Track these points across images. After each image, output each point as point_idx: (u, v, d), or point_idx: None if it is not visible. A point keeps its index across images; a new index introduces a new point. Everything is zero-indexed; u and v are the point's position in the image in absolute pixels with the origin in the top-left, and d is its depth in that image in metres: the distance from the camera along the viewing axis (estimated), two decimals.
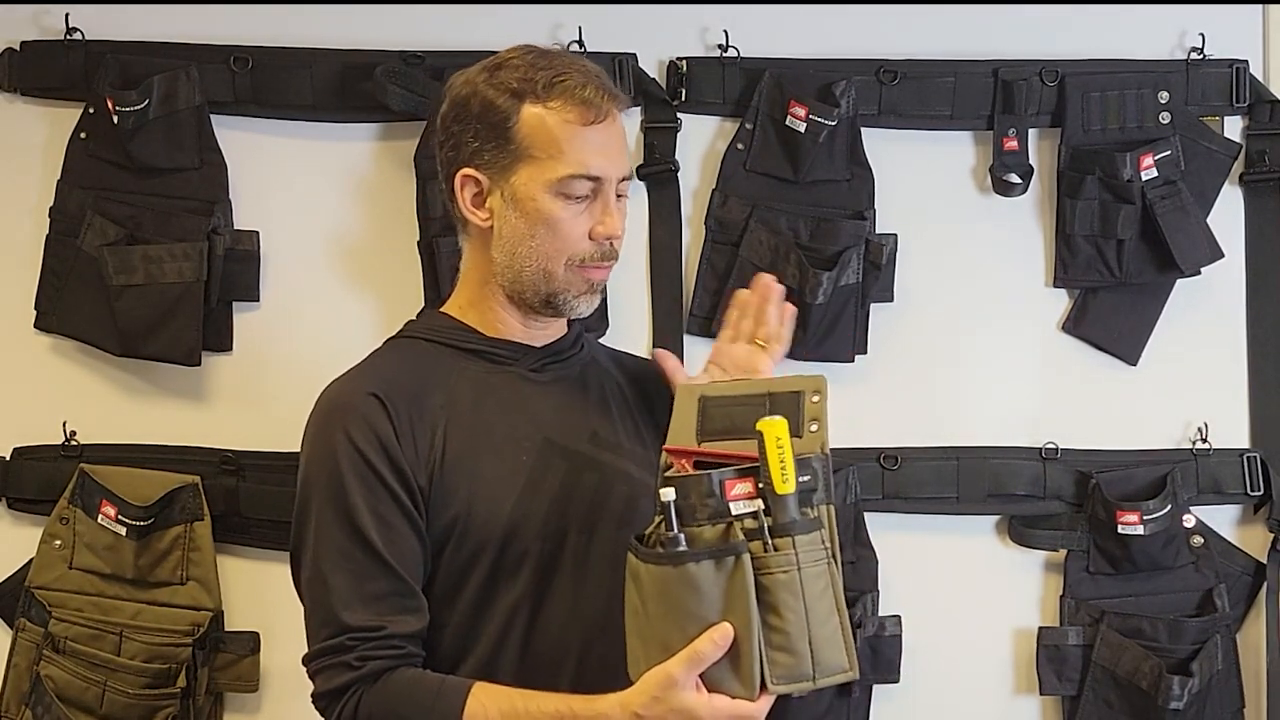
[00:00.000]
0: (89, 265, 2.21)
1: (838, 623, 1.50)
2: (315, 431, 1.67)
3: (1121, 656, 2.29)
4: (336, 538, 1.60)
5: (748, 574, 1.46)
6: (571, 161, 1.65)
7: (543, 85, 1.66)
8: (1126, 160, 2.32)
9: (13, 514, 2.26)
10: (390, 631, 1.57)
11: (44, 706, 2.15)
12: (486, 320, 1.75)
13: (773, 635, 1.47)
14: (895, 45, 2.36)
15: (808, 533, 1.49)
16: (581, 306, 1.72)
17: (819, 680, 1.48)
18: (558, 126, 1.65)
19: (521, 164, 1.67)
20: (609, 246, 1.70)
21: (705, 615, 1.46)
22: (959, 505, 2.34)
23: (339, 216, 2.30)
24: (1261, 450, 2.38)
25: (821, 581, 1.49)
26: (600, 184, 1.68)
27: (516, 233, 1.69)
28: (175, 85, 2.22)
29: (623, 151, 1.71)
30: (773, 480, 1.48)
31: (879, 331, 2.34)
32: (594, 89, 1.66)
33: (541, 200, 1.67)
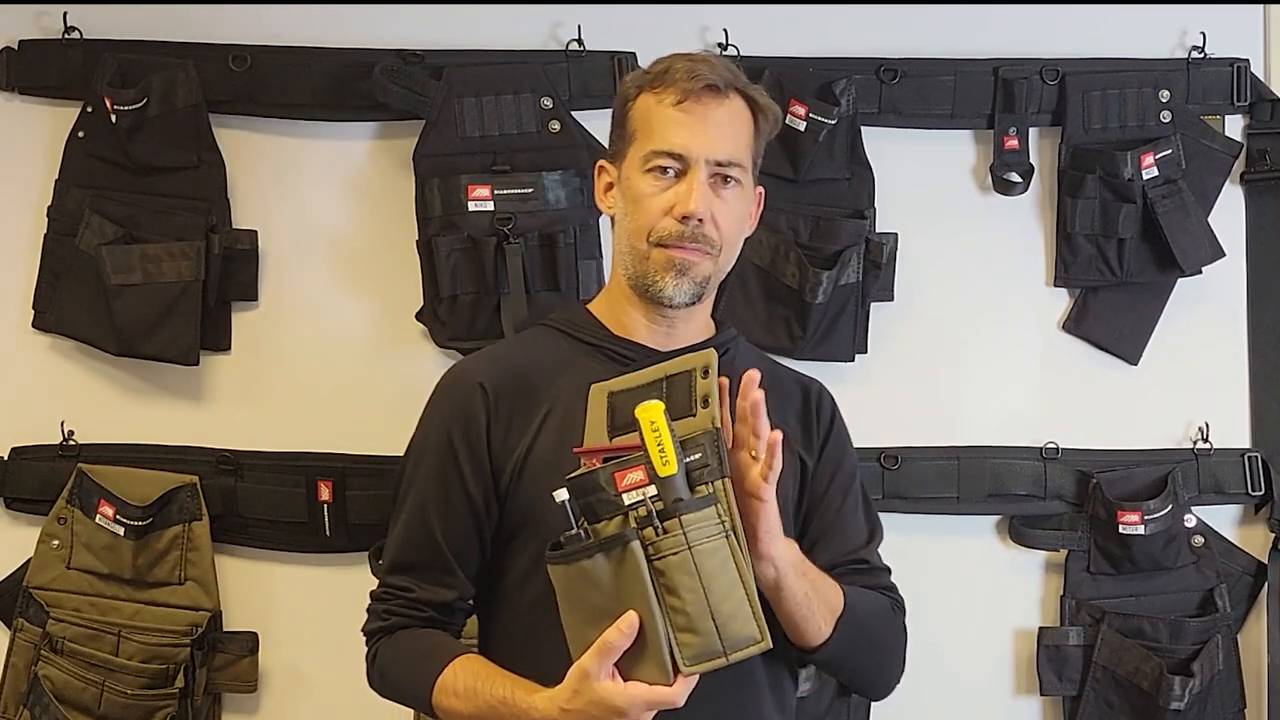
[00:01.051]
0: (87, 264, 2.21)
1: (742, 594, 1.50)
2: (429, 406, 1.79)
3: (1122, 657, 2.29)
4: (408, 507, 1.75)
5: (639, 561, 1.48)
6: (657, 138, 1.72)
7: (655, 75, 1.75)
8: (1127, 159, 2.32)
9: (10, 514, 2.25)
10: (417, 596, 1.71)
11: (42, 707, 2.15)
12: (615, 316, 1.79)
13: (676, 617, 1.48)
14: (895, 44, 2.35)
15: (698, 510, 1.49)
16: (669, 289, 1.72)
17: (731, 655, 1.49)
18: (654, 107, 1.73)
19: (630, 148, 1.75)
20: (693, 228, 1.70)
21: (609, 607, 1.49)
22: (959, 505, 2.34)
23: (337, 215, 2.29)
24: (1262, 450, 2.37)
25: (718, 557, 1.49)
26: (687, 162, 1.70)
27: (621, 213, 1.77)
28: (173, 84, 2.22)
29: (723, 136, 1.72)
30: (654, 465, 1.50)
31: (879, 331, 2.33)
32: (697, 76, 1.71)
33: (634, 178, 1.74)
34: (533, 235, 2.21)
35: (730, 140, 1.73)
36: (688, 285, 1.72)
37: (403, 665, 1.70)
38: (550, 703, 1.52)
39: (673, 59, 1.75)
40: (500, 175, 2.22)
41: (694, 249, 1.71)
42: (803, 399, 1.84)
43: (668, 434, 1.50)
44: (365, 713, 2.24)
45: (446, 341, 2.24)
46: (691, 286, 1.73)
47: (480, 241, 2.20)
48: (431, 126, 2.23)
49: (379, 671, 1.73)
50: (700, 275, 1.73)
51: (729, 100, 1.74)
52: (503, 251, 2.20)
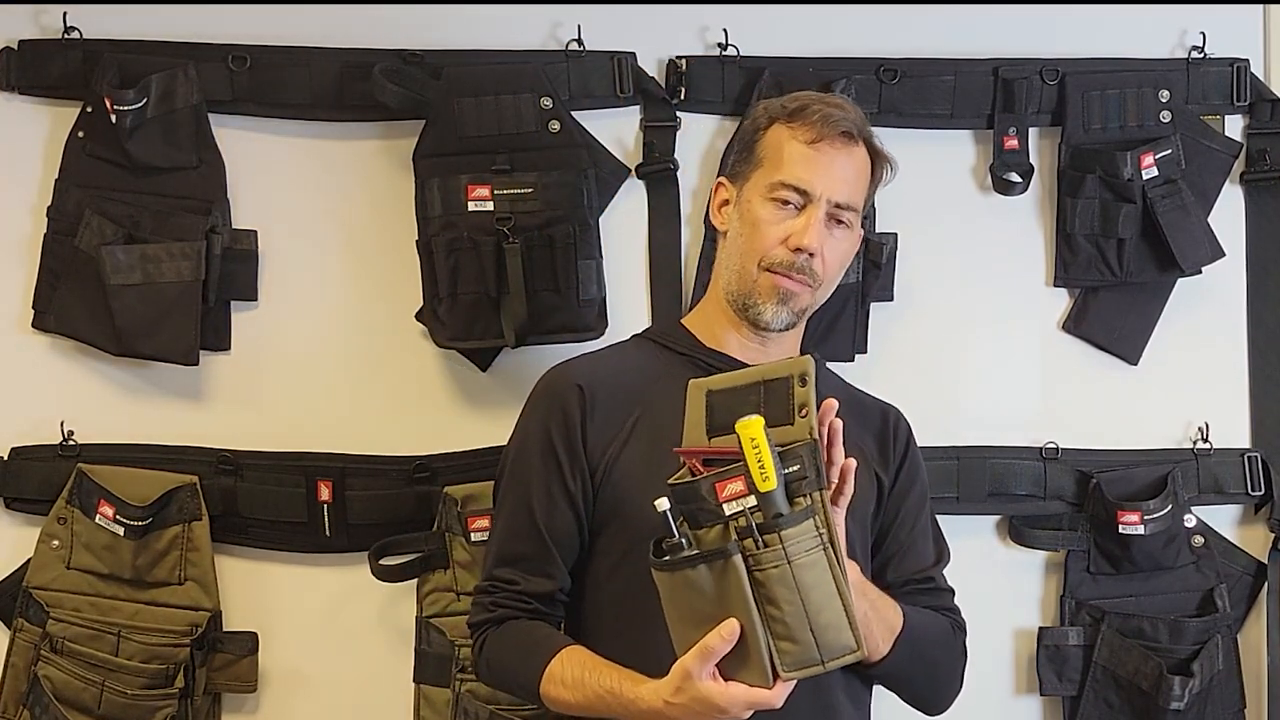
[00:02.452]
0: (87, 264, 2.20)
1: (839, 605, 1.54)
2: (528, 405, 1.89)
3: (1122, 657, 2.29)
4: (510, 500, 1.84)
5: (740, 573, 1.53)
6: (786, 170, 1.84)
7: (793, 110, 1.87)
8: (1127, 159, 2.32)
9: (10, 514, 2.25)
10: (523, 588, 1.79)
11: (42, 707, 2.15)
12: (709, 329, 1.91)
13: (775, 625, 1.53)
14: (895, 44, 2.35)
15: (797, 524, 1.53)
16: (768, 314, 1.84)
17: (828, 663, 1.54)
18: (787, 141, 1.86)
19: (755, 172, 1.88)
20: (802, 261, 1.82)
21: (712, 613, 1.54)
22: (959, 505, 2.34)
23: (337, 216, 2.29)
24: (1262, 450, 2.38)
25: (816, 570, 1.54)
26: (809, 199, 1.83)
27: (734, 232, 1.89)
28: (173, 84, 2.22)
29: (847, 181, 1.85)
30: (754, 480, 1.53)
31: (879, 331, 2.33)
32: (832, 119, 1.84)
33: (755, 203, 1.86)
34: (532, 235, 2.21)
35: (852, 186, 1.86)
36: (786, 314, 1.85)
37: (510, 656, 1.78)
38: (656, 695, 1.59)
39: (809, 97, 1.90)
40: (500, 175, 2.21)
41: (799, 280, 1.83)
42: (881, 422, 1.95)
43: (768, 450, 1.53)
44: (365, 713, 2.25)
45: (446, 341, 2.23)
46: (790, 315, 1.85)
47: (480, 241, 2.20)
48: (431, 126, 2.23)
49: (486, 662, 1.81)
50: (799, 306, 1.85)
51: (857, 148, 1.87)
52: (502, 251, 2.19)
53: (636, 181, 2.32)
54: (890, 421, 1.96)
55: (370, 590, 2.23)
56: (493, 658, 1.80)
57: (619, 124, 2.32)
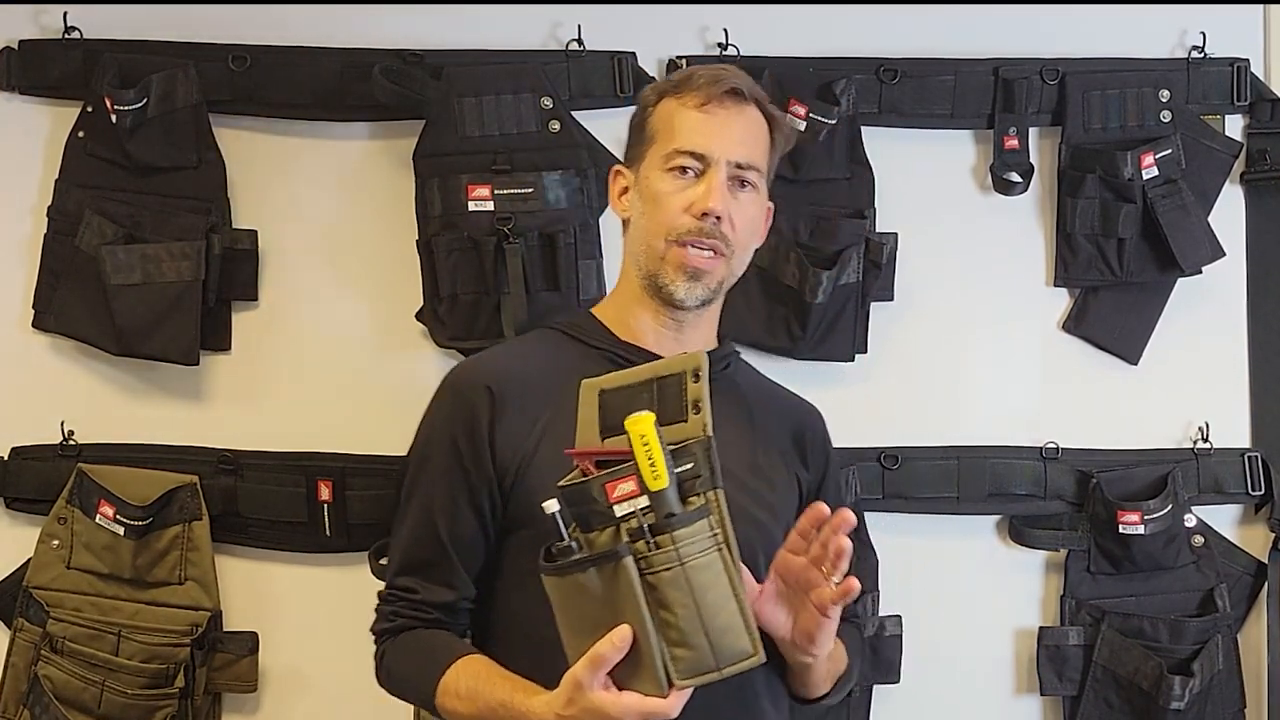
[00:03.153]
0: (87, 264, 2.20)
1: (734, 608, 1.48)
2: (433, 405, 1.79)
3: (1122, 656, 2.29)
4: (413, 506, 1.76)
5: (631, 577, 1.46)
6: (680, 138, 1.75)
7: (678, 82, 1.79)
8: (1127, 159, 2.32)
9: (10, 514, 2.25)
10: (423, 597, 1.72)
11: (42, 707, 2.15)
12: (622, 320, 1.80)
13: (668, 631, 1.47)
14: (895, 44, 2.35)
15: (690, 524, 1.47)
16: (680, 291, 1.74)
17: (724, 669, 1.48)
18: (677, 111, 1.77)
19: (650, 149, 1.78)
20: (710, 225, 1.72)
21: (604, 619, 1.47)
22: (959, 505, 2.34)
23: (337, 215, 2.29)
24: (1262, 449, 2.37)
25: (710, 571, 1.47)
26: (707, 162, 1.74)
27: (637, 214, 1.79)
28: (173, 84, 2.22)
29: (741, 141, 1.76)
30: (644, 479, 1.48)
31: (879, 331, 2.33)
32: (718, 80, 1.76)
33: (653, 177, 1.77)
34: (533, 235, 2.21)
35: (750, 145, 1.77)
36: (700, 290, 1.75)
37: (408, 666, 1.72)
38: (547, 708, 1.52)
39: (694, 68, 1.83)
40: (500, 175, 2.22)
41: (710, 246, 1.73)
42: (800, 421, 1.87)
43: (658, 447, 1.47)
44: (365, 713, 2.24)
45: (446, 341, 2.24)
46: (704, 291, 1.75)
47: (480, 241, 2.20)
48: (431, 126, 2.23)
49: (386, 672, 1.75)
50: (713, 281, 1.76)
51: (749, 108, 1.78)
52: (503, 251, 2.19)
53: None
54: (809, 421, 1.89)
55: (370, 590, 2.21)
56: (392, 668, 1.73)
57: (619, 124, 2.29)
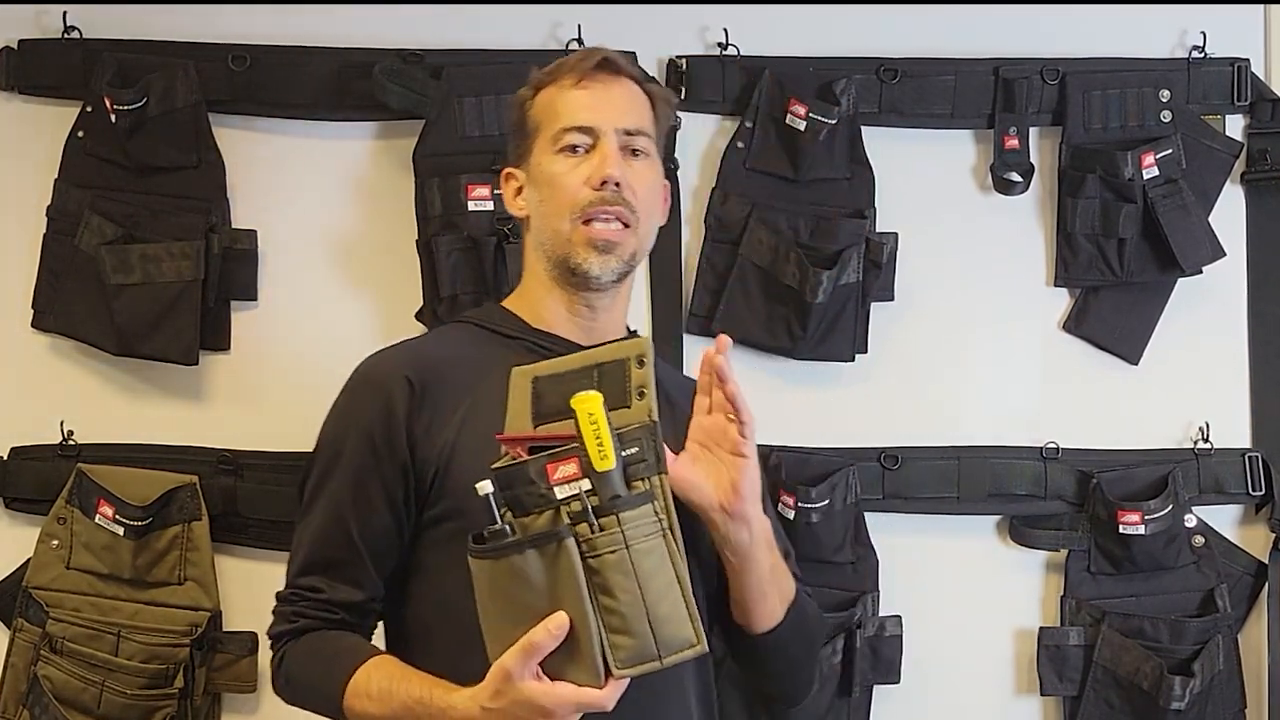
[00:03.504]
0: (87, 264, 2.20)
1: (678, 595, 1.45)
2: (343, 396, 1.74)
3: (1123, 657, 2.28)
4: (321, 502, 1.69)
5: (573, 559, 1.42)
6: (564, 116, 1.73)
7: (548, 71, 1.78)
8: (1128, 159, 2.32)
9: (10, 514, 2.25)
10: (328, 597, 1.65)
11: (41, 707, 2.14)
12: (534, 310, 1.77)
13: (610, 618, 1.42)
14: (895, 44, 2.35)
15: (635, 508, 1.44)
16: (595, 267, 1.71)
17: (666, 659, 1.43)
18: (555, 95, 1.75)
19: (535, 140, 1.76)
20: (611, 193, 1.70)
21: (537, 605, 1.43)
22: (959, 505, 2.34)
23: (337, 215, 2.29)
24: (1263, 450, 2.37)
25: (654, 557, 1.44)
26: (596, 134, 1.72)
27: (536, 205, 1.76)
28: (173, 84, 2.21)
29: (626, 110, 1.74)
30: (591, 459, 1.44)
31: (879, 331, 2.33)
32: (588, 56, 1.75)
33: (545, 162, 1.74)
34: None
35: (634, 113, 1.75)
36: (614, 263, 1.71)
37: (312, 669, 1.64)
38: (471, 702, 1.46)
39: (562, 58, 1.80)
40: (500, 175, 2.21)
41: (615, 214, 1.70)
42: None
43: (606, 427, 1.45)
44: None
45: None
46: (617, 263, 1.72)
47: (480, 241, 2.20)
48: (431, 126, 2.23)
49: (285, 677, 1.67)
50: (625, 252, 1.72)
51: (625, 81, 1.77)
52: (503, 251, 2.20)
53: None
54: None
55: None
56: (293, 672, 1.66)
57: None
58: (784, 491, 2.23)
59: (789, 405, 2.31)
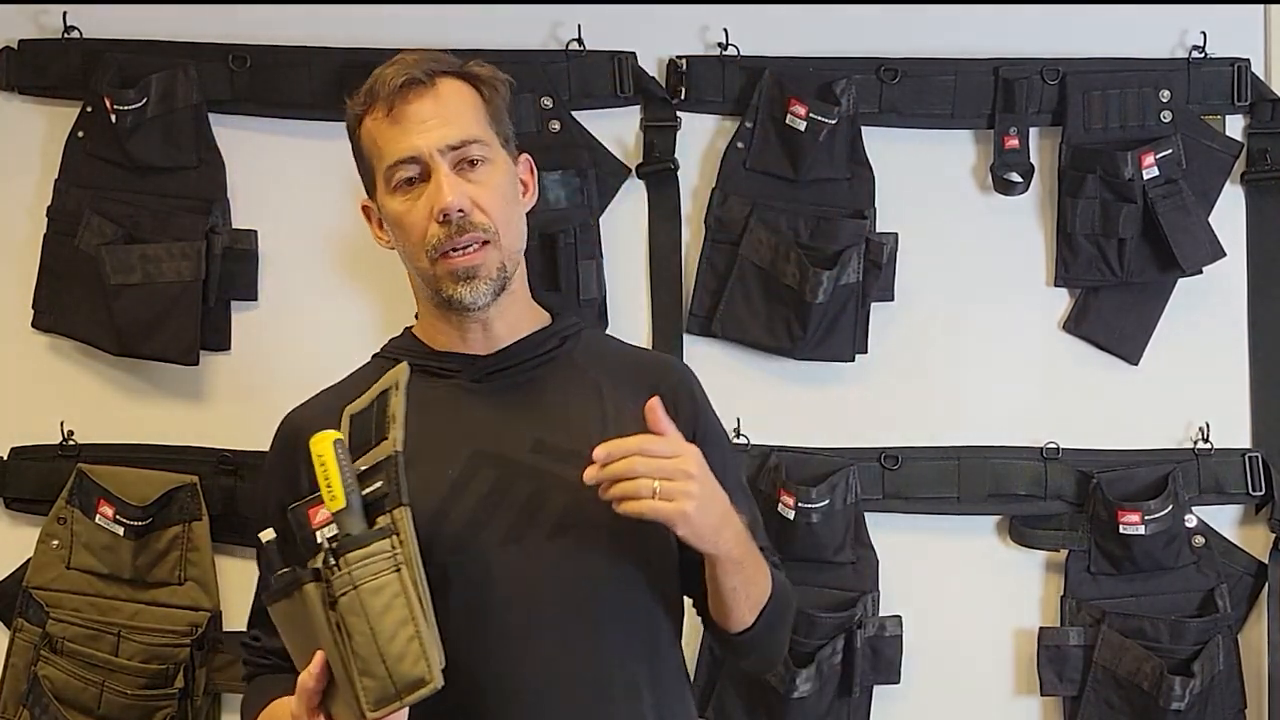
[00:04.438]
0: (87, 264, 2.21)
1: (411, 633, 1.43)
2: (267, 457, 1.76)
3: (1122, 657, 2.28)
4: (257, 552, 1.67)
5: (314, 603, 1.44)
6: (387, 154, 1.66)
7: (362, 98, 1.69)
8: (1128, 159, 2.32)
9: (10, 514, 2.25)
10: (264, 645, 1.68)
11: (41, 707, 2.15)
12: (431, 333, 1.75)
13: (355, 659, 1.42)
14: (895, 44, 2.35)
15: (364, 546, 1.44)
16: (467, 297, 1.65)
17: (405, 698, 1.42)
18: (375, 129, 1.67)
19: (374, 177, 1.70)
20: (457, 221, 1.63)
21: (311, 646, 1.46)
22: (959, 505, 2.34)
23: (337, 215, 2.29)
24: (1263, 450, 2.37)
25: (384, 594, 1.43)
26: (421, 161, 1.64)
27: (395, 242, 1.72)
28: (173, 84, 2.22)
29: (444, 122, 1.65)
30: (324, 502, 1.46)
31: (879, 331, 2.33)
32: (393, 80, 1.65)
33: (388, 204, 1.68)
34: (532, 235, 2.20)
35: (454, 123, 1.65)
36: (484, 287, 1.66)
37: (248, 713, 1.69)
38: None
39: (376, 72, 1.69)
40: None
41: (468, 241, 1.64)
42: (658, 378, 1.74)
43: (334, 466, 1.45)
44: None
45: None
46: (487, 285, 1.66)
47: None
48: None
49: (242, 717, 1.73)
50: (490, 272, 1.66)
51: (437, 86, 1.66)
52: None
53: (636, 181, 2.32)
54: (669, 378, 1.75)
55: None
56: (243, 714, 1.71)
57: (619, 124, 2.32)
58: (784, 491, 2.23)
59: (789, 405, 2.31)
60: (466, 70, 1.70)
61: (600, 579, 1.61)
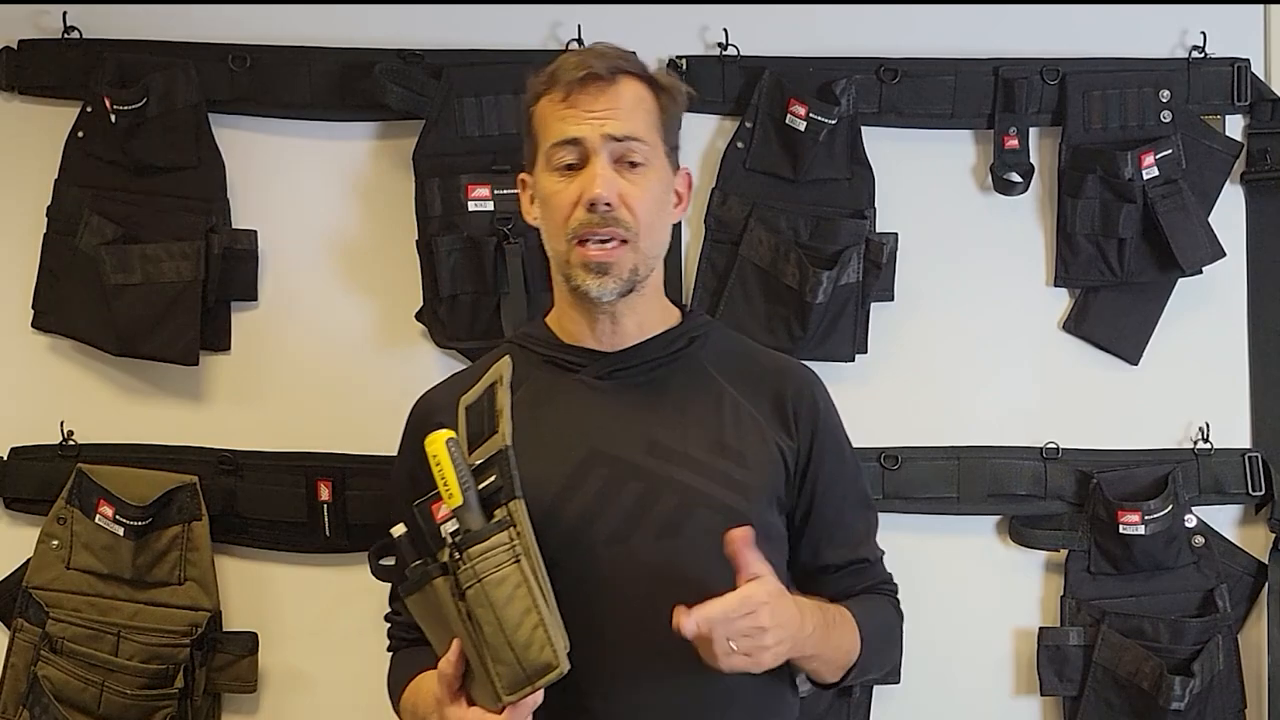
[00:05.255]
0: (87, 264, 2.20)
1: (536, 621, 1.48)
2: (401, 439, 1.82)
3: (1122, 657, 2.29)
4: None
5: (443, 596, 1.50)
6: (553, 134, 1.71)
7: (545, 79, 1.73)
8: (1128, 159, 2.32)
9: (10, 514, 2.25)
10: (405, 619, 1.71)
11: (41, 707, 2.15)
12: (563, 325, 1.79)
13: (486, 648, 1.48)
14: (895, 44, 2.35)
15: (484, 540, 1.49)
16: (593, 289, 1.69)
17: (536, 682, 1.48)
18: (548, 109, 1.72)
19: (536, 153, 1.75)
20: (602, 213, 1.67)
21: (447, 635, 1.53)
22: (959, 505, 2.34)
23: (337, 215, 2.29)
24: (1263, 450, 2.37)
25: (506, 585, 1.48)
26: (584, 148, 1.69)
27: (540, 218, 1.76)
28: (173, 84, 2.22)
29: (615, 116, 1.69)
30: (443, 500, 1.50)
31: (879, 331, 2.33)
32: (581, 65, 1.69)
33: (542, 180, 1.73)
34: (532, 235, 2.20)
35: (625, 119, 1.69)
36: (612, 284, 1.69)
37: (391, 687, 1.76)
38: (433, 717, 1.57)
39: (563, 57, 1.75)
40: (500, 175, 2.22)
41: (608, 235, 1.67)
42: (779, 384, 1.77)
43: (449, 464, 1.49)
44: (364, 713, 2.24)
45: (446, 342, 2.24)
46: (615, 284, 1.69)
47: (480, 241, 2.20)
48: (431, 126, 2.23)
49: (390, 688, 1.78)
50: (622, 271, 1.69)
51: (618, 84, 1.70)
52: (502, 251, 2.20)
53: None
54: (791, 384, 1.78)
55: (370, 590, 2.22)
56: (389, 683, 1.78)
57: None
58: None
59: None
60: (651, 75, 1.75)
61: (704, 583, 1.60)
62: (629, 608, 1.63)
